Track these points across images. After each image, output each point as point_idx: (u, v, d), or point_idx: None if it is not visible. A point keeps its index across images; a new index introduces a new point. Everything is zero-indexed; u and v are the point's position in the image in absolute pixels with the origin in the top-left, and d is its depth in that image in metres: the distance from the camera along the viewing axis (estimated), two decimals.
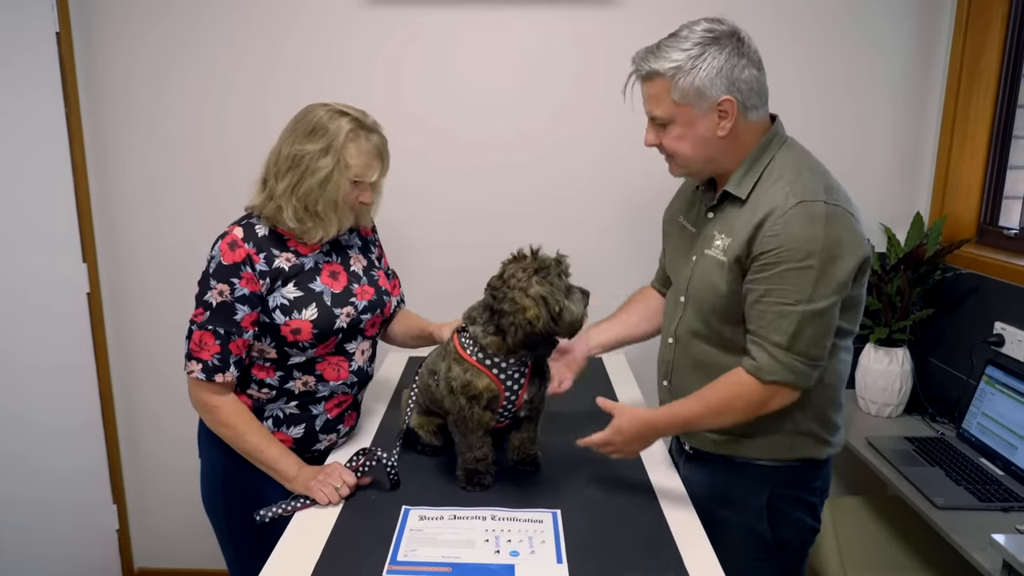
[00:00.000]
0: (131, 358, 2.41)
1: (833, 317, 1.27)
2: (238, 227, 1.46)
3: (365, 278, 1.60)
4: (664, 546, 1.25)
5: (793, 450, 1.39)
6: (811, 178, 1.27)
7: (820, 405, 1.38)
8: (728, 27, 1.27)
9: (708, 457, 1.46)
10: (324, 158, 1.42)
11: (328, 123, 1.43)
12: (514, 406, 1.43)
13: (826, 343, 1.27)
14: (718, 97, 1.25)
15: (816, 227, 1.21)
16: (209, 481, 1.60)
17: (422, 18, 2.17)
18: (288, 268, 1.47)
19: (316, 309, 1.47)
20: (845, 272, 1.24)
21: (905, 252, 2.11)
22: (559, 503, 1.38)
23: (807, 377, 1.28)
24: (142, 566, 2.59)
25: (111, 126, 2.24)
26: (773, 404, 1.30)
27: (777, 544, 1.42)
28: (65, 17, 2.11)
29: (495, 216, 2.27)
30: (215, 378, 1.43)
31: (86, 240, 2.24)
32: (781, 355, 1.25)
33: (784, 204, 1.23)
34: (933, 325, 2.20)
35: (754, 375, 1.27)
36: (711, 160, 1.34)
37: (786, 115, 2.19)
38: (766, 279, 1.25)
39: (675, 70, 1.24)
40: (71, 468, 2.25)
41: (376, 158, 1.47)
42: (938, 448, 1.90)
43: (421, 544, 1.24)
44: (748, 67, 1.26)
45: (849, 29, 2.17)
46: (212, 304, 1.41)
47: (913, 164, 2.26)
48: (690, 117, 1.28)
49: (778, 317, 1.24)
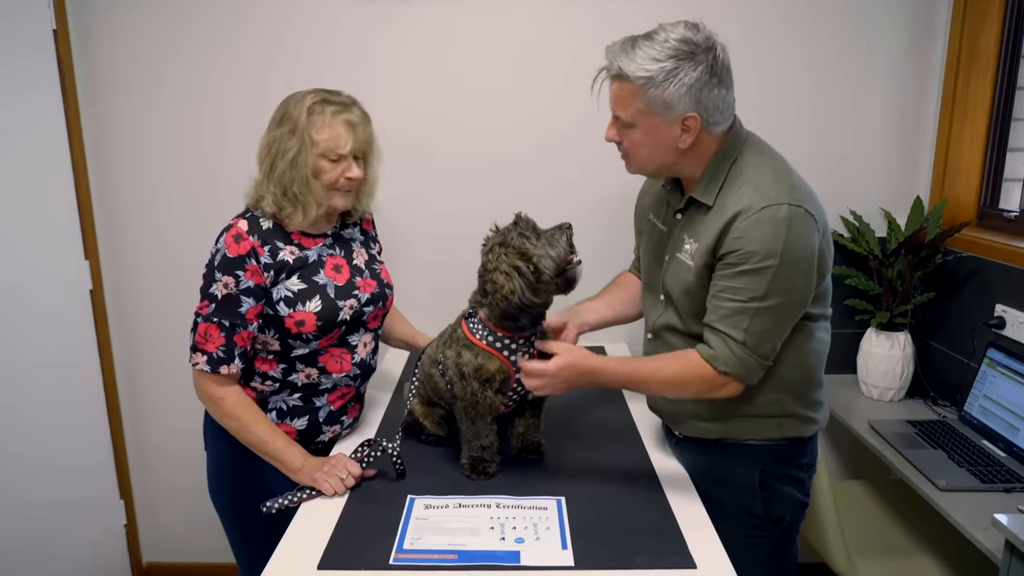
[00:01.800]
0: (135, 354, 2.42)
1: (786, 317, 1.30)
2: (242, 220, 1.47)
3: (367, 271, 1.61)
4: (668, 531, 1.26)
5: (781, 430, 1.42)
6: (773, 178, 1.29)
7: (803, 388, 1.42)
8: (704, 39, 1.25)
9: (699, 441, 1.48)
10: (291, 139, 1.44)
11: (293, 107, 1.46)
12: (523, 387, 1.44)
13: (777, 342, 1.31)
14: (684, 112, 1.26)
15: (779, 230, 1.23)
16: (215, 473, 1.62)
17: (420, 10, 2.17)
18: (292, 261, 1.48)
19: (320, 301, 1.48)
20: (802, 274, 1.27)
21: (905, 236, 2.11)
22: (563, 490, 1.39)
23: (755, 374, 1.32)
24: (150, 560, 2.61)
25: (110, 123, 2.24)
26: (722, 393, 1.33)
27: (770, 521, 1.46)
28: (62, 14, 2.10)
29: (493, 207, 2.24)
30: (220, 370, 1.44)
31: (88, 237, 2.24)
32: (738, 350, 1.28)
33: (749, 208, 1.25)
34: (934, 309, 2.20)
35: (710, 363, 1.30)
36: (668, 166, 1.36)
37: (783, 99, 2.22)
38: (726, 276, 1.28)
39: (646, 80, 1.23)
40: (77, 464, 2.26)
41: (345, 129, 1.46)
42: (940, 431, 1.90)
43: (427, 532, 1.25)
44: (718, 87, 1.26)
45: (846, 10, 2.16)
46: (217, 296, 1.42)
47: (912, 147, 2.26)
48: (653, 125, 1.28)
49: (735, 313, 1.27)
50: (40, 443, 2.13)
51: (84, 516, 2.30)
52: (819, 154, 2.22)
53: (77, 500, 2.26)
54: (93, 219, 2.27)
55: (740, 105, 1.36)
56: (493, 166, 2.26)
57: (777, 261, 1.23)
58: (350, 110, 1.48)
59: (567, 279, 1.37)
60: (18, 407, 2.06)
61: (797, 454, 1.46)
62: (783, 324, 1.30)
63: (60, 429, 2.19)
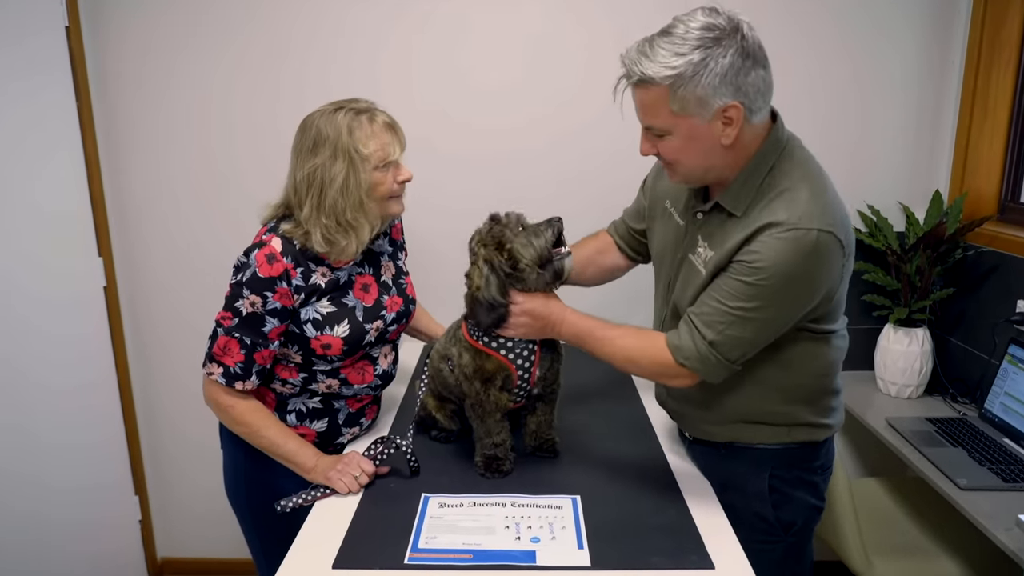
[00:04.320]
0: (148, 349, 2.43)
1: (768, 330, 1.23)
2: (276, 238, 1.40)
3: (394, 287, 1.59)
4: (686, 530, 1.25)
5: (792, 435, 1.37)
6: (809, 197, 1.18)
7: (815, 397, 1.37)
8: (727, 20, 1.13)
9: (708, 444, 1.45)
10: (336, 163, 1.37)
11: (326, 127, 1.38)
12: (528, 383, 1.43)
13: (748, 350, 1.24)
14: (723, 104, 1.13)
15: (799, 254, 1.15)
16: (231, 473, 1.61)
17: (430, 5, 2.15)
18: (324, 284, 1.44)
19: (348, 326, 1.45)
20: (801, 300, 1.21)
21: (924, 231, 2.08)
22: (578, 488, 1.38)
23: (717, 373, 1.26)
24: (165, 555, 2.63)
25: (122, 119, 2.24)
26: (674, 382, 1.31)
27: (782, 526, 1.42)
28: (74, 10, 2.10)
29: (505, 204, 2.25)
30: (235, 385, 1.41)
31: (101, 234, 2.25)
32: (703, 346, 1.23)
33: (778, 224, 1.16)
34: (954, 304, 2.17)
35: (671, 351, 1.26)
36: (712, 168, 1.24)
37: (799, 93, 2.19)
38: (727, 279, 1.22)
39: (674, 78, 1.11)
40: (92, 459, 2.27)
41: (388, 133, 1.42)
42: (960, 429, 1.87)
43: (441, 531, 1.25)
44: (754, 67, 1.13)
45: (864, 1, 2.12)
46: (242, 312, 1.38)
47: (931, 141, 2.22)
48: (691, 128, 1.16)
49: (716, 314, 1.21)
50: (53, 436, 2.13)
51: (99, 510, 2.31)
52: (836, 147, 2.19)
53: (92, 494, 2.27)
54: (106, 216, 2.27)
55: None
56: (504, 163, 2.25)
57: (782, 282, 1.16)
58: (378, 113, 1.43)
59: (555, 270, 1.35)
60: (32, 401, 2.07)
61: (810, 458, 1.40)
62: (761, 336, 1.23)
63: (74, 422, 2.20)
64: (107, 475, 2.36)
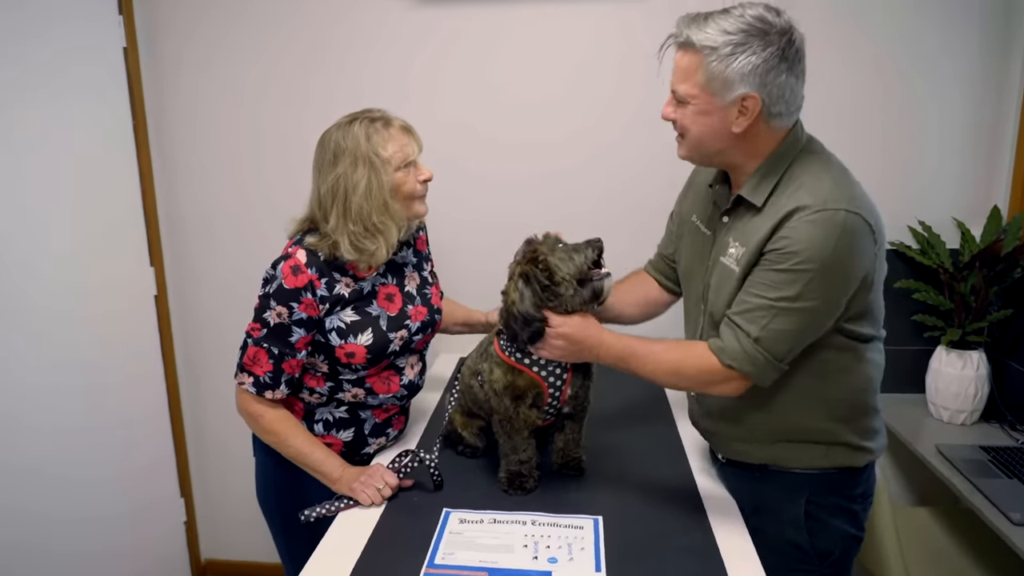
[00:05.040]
0: (195, 356, 2.52)
1: (812, 322, 1.21)
2: (301, 250, 1.44)
3: (419, 297, 1.61)
4: (709, 556, 1.22)
5: (829, 458, 1.33)
6: (832, 185, 1.20)
7: (853, 415, 1.33)
8: (783, 23, 1.18)
9: (742, 466, 1.41)
10: (357, 170, 1.42)
11: (343, 139, 1.43)
12: (558, 402, 1.41)
13: (795, 345, 1.23)
14: (743, 92, 1.17)
15: (830, 236, 1.15)
16: (262, 480, 1.65)
17: (466, 20, 2.16)
18: (348, 294, 1.47)
19: (372, 334, 1.48)
20: (841, 284, 1.20)
21: (980, 248, 1.98)
22: (601, 509, 1.36)
23: (766, 374, 1.23)
24: (209, 557, 2.70)
25: (174, 135, 2.34)
26: (723, 388, 1.27)
27: (818, 555, 1.36)
28: (132, 33, 2.21)
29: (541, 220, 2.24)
30: (265, 394, 1.46)
31: (153, 245, 2.35)
32: (748, 344, 1.21)
33: (804, 208, 1.17)
34: (1013, 326, 2.05)
35: (716, 354, 1.24)
36: (720, 152, 1.27)
37: (849, 102, 2.12)
38: (761, 272, 1.22)
39: (711, 50, 1.16)
40: (140, 462, 2.36)
41: (405, 135, 1.46)
42: (1017, 459, 1.77)
43: (459, 547, 1.24)
44: (787, 73, 1.18)
45: (918, 11, 2.04)
46: (270, 323, 1.42)
47: (991, 153, 2.10)
48: (708, 104, 1.21)
49: (757, 309, 1.21)
50: (103, 439, 2.22)
51: (146, 513, 2.39)
52: (887, 160, 2.11)
53: (139, 496, 2.35)
54: (159, 227, 2.37)
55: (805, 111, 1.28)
56: (536, 178, 2.24)
57: (818, 266, 1.15)
58: (393, 119, 1.48)
59: (593, 290, 1.34)
60: (85, 404, 2.16)
61: (849, 484, 1.36)
62: (807, 329, 1.22)
63: (123, 426, 2.28)
64: (154, 477, 2.44)
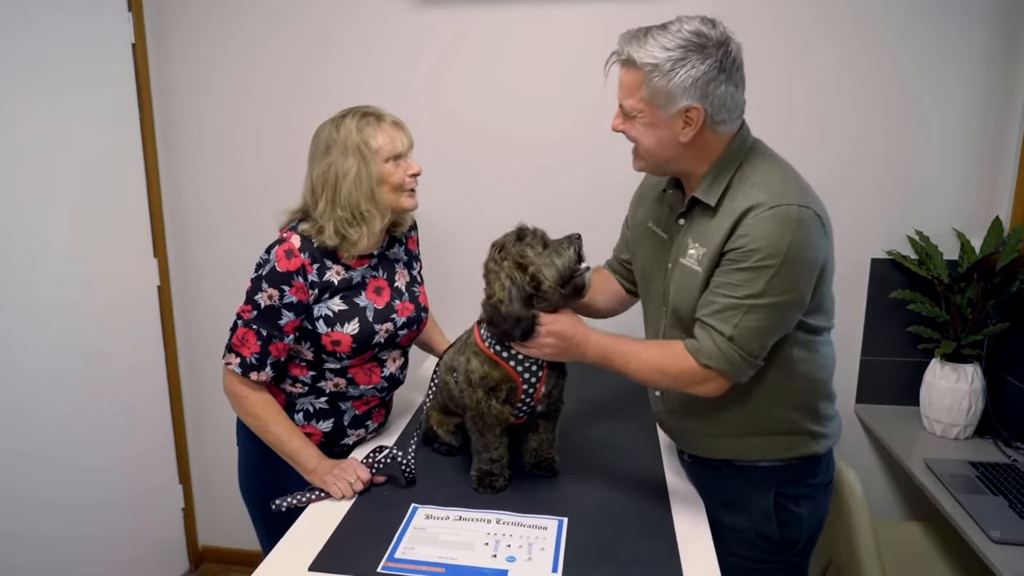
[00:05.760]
0: (195, 346, 2.57)
1: (781, 317, 1.25)
2: (295, 235, 1.49)
3: (407, 294, 1.64)
4: (668, 561, 1.21)
5: (792, 449, 1.38)
6: (782, 181, 1.26)
7: (810, 401, 1.38)
8: (719, 35, 1.22)
9: (709, 463, 1.44)
10: (347, 159, 1.47)
11: (335, 131, 1.49)
12: (532, 399, 1.42)
13: (766, 341, 1.26)
14: (687, 104, 1.22)
15: (787, 230, 1.20)
16: (244, 470, 1.69)
17: (468, 20, 2.19)
18: (338, 282, 1.51)
19: (358, 324, 1.51)
20: (803, 276, 1.24)
21: (973, 260, 1.94)
22: (568, 510, 1.36)
23: (742, 371, 1.27)
24: (207, 544, 2.76)
25: (180, 130, 2.39)
26: (703, 388, 1.29)
27: (786, 545, 1.41)
28: (140, 29, 2.26)
29: (537, 215, 2.25)
30: (251, 375, 1.50)
31: (157, 237, 2.40)
32: (723, 344, 1.25)
33: (759, 205, 1.22)
34: (1011, 340, 2.01)
35: (692, 355, 1.27)
36: (672, 160, 1.32)
37: (848, 108, 2.09)
38: (725, 272, 1.25)
39: (652, 67, 1.21)
40: (139, 449, 2.42)
41: (396, 129, 1.51)
42: (1006, 476, 1.73)
43: (421, 543, 1.26)
44: (726, 83, 1.22)
45: (920, 12, 2.00)
46: (260, 305, 1.46)
47: (993, 162, 2.06)
48: (654, 117, 1.26)
49: (727, 308, 1.24)
50: (103, 425, 2.28)
51: (145, 499, 2.45)
52: (887, 168, 2.09)
53: (137, 482, 2.41)
54: (163, 220, 2.43)
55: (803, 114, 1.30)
56: (537, 174, 2.25)
57: (779, 260, 1.20)
58: (384, 114, 1.53)
59: (575, 286, 1.35)
60: (85, 395, 2.21)
61: (812, 472, 1.41)
62: (777, 323, 1.26)
63: (124, 414, 2.34)
64: (154, 464, 2.50)
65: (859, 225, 2.10)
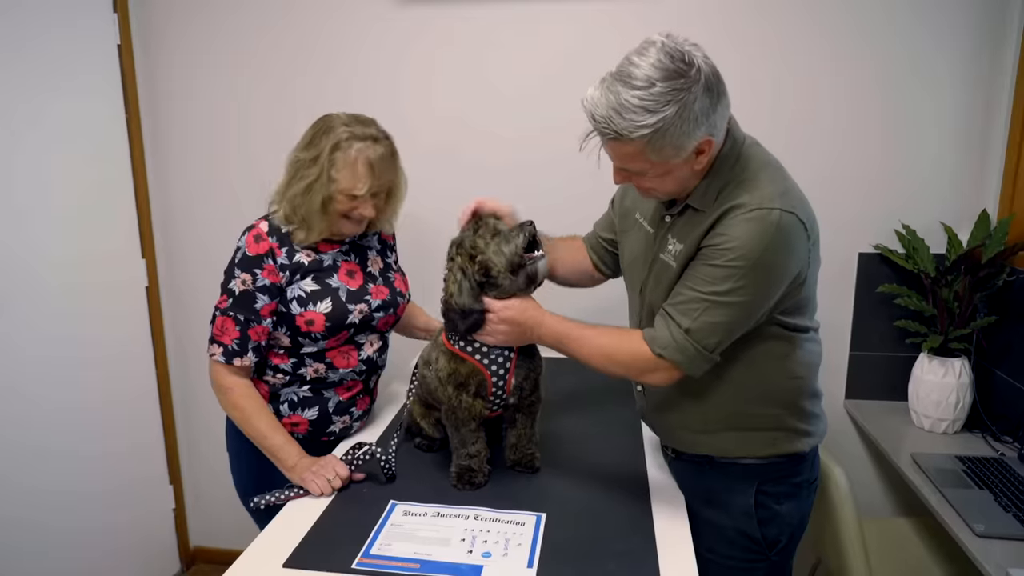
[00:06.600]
0: (185, 347, 2.57)
1: (743, 316, 1.23)
2: (264, 221, 1.54)
3: (381, 279, 1.65)
4: (645, 558, 1.20)
5: (775, 446, 1.37)
6: (768, 183, 1.22)
7: (794, 399, 1.36)
8: (684, 57, 1.11)
9: (692, 459, 1.43)
10: (311, 167, 1.48)
11: (323, 135, 1.48)
12: (504, 391, 1.42)
13: (725, 337, 1.24)
14: (696, 143, 1.16)
15: (765, 235, 1.17)
16: (236, 467, 1.71)
17: (455, 18, 2.18)
18: (307, 263, 1.54)
19: (331, 303, 1.53)
20: (772, 281, 1.22)
21: (960, 253, 1.93)
22: (548, 506, 1.36)
23: (696, 364, 1.25)
24: (198, 544, 2.76)
25: (167, 130, 2.39)
26: (654, 377, 1.29)
27: (767, 543, 1.39)
28: (126, 30, 2.26)
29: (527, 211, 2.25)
30: (234, 361, 1.52)
31: (145, 238, 2.40)
32: (679, 335, 1.23)
33: (740, 206, 1.20)
34: (1000, 334, 2.00)
35: (648, 343, 1.27)
36: (686, 187, 1.28)
37: (837, 103, 2.08)
38: (697, 266, 1.24)
39: (651, 135, 1.12)
40: (129, 450, 2.41)
41: (365, 169, 1.47)
42: (993, 470, 1.72)
43: (397, 539, 1.25)
44: (720, 99, 1.16)
45: (907, 7, 2.00)
46: (235, 292, 1.50)
47: (980, 157, 2.06)
48: (666, 167, 1.20)
49: (691, 301, 1.23)
50: (94, 427, 2.27)
51: (134, 500, 2.44)
52: (874, 163, 2.08)
53: (127, 483, 2.41)
54: (151, 221, 2.43)
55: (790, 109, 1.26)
56: (525, 171, 2.25)
57: (751, 263, 1.17)
58: (377, 146, 1.48)
59: (528, 275, 1.35)
60: (76, 397, 2.21)
61: (796, 471, 1.39)
62: (737, 322, 1.24)
63: (114, 415, 2.34)
64: (144, 464, 2.50)
65: (846, 220, 2.10)
